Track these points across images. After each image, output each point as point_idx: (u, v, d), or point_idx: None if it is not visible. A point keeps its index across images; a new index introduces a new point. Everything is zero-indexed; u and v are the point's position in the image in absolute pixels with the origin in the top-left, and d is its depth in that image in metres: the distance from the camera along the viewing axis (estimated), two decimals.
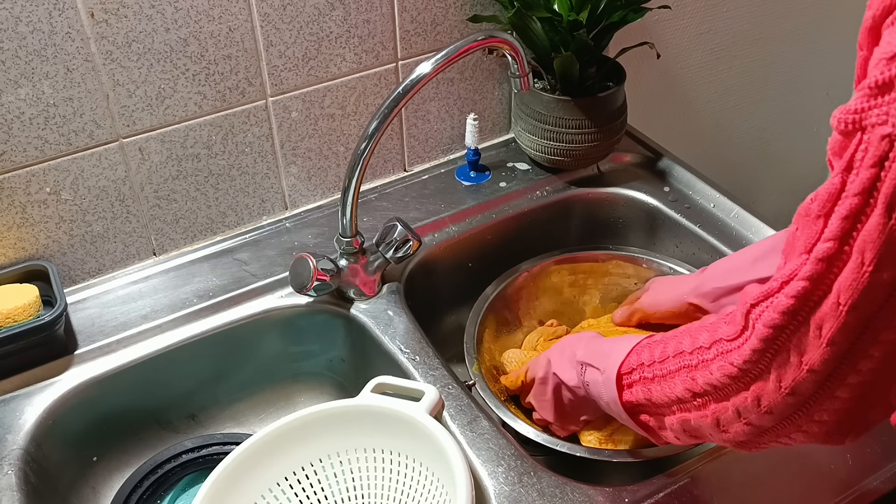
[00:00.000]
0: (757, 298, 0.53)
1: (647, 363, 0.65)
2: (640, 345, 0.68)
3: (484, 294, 0.97)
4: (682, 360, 0.61)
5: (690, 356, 0.60)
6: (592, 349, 0.74)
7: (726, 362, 0.56)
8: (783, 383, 0.53)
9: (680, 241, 1.05)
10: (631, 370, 0.67)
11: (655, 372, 0.64)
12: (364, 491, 0.79)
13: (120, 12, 0.84)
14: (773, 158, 1.61)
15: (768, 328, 0.52)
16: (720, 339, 0.58)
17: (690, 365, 0.60)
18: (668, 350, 0.63)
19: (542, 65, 1.05)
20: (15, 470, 0.77)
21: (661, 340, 0.66)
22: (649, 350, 0.66)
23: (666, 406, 0.64)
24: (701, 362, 0.59)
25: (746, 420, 0.57)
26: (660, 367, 0.64)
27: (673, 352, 0.63)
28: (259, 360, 0.96)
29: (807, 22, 1.44)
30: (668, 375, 0.63)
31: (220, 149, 0.97)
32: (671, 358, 0.63)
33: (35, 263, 0.90)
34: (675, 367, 0.62)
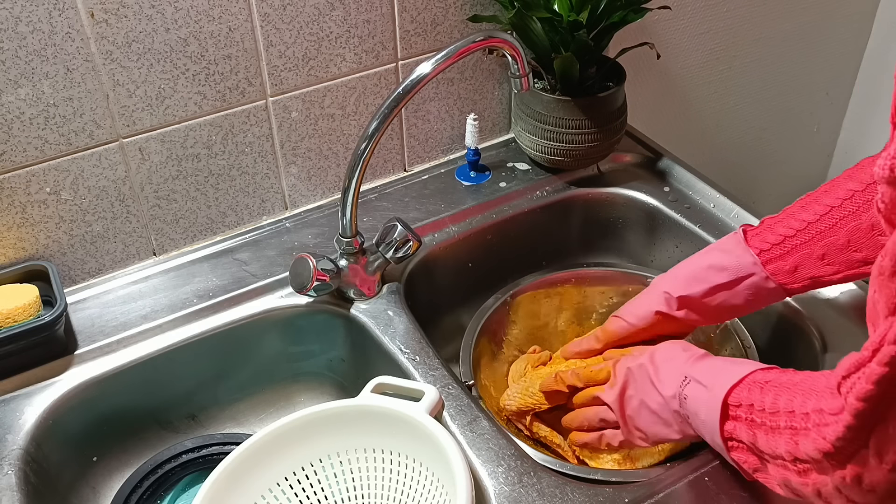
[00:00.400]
0: (848, 370, 0.50)
1: (758, 408, 0.62)
2: (755, 379, 0.65)
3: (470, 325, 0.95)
4: (789, 420, 0.58)
5: (798, 418, 0.58)
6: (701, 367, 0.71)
7: (820, 437, 0.54)
8: (885, 459, 0.50)
9: (680, 241, 1.05)
10: (739, 403, 0.64)
11: (765, 420, 0.61)
12: (364, 491, 0.79)
13: (120, 12, 0.84)
14: (772, 158, 1.61)
15: (861, 401, 0.49)
16: (822, 410, 0.55)
17: (796, 428, 0.57)
18: (779, 402, 0.60)
19: (542, 65, 1.05)
20: (15, 470, 0.77)
21: (775, 385, 0.62)
22: (761, 393, 0.63)
23: (770, 457, 0.62)
24: (803, 429, 0.56)
25: (848, 497, 0.54)
26: (769, 418, 0.61)
27: (784, 407, 0.60)
28: (259, 360, 0.96)
29: (807, 22, 1.44)
30: (776, 430, 0.60)
31: (220, 149, 0.97)
32: (781, 413, 0.60)
33: (35, 263, 0.90)
34: (784, 425, 0.59)
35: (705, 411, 0.67)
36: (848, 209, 0.74)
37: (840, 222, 0.74)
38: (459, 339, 0.93)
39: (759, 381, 0.64)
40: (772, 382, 0.63)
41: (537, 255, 1.08)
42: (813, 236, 0.76)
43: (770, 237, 0.78)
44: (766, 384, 0.63)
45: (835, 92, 1.60)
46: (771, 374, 0.64)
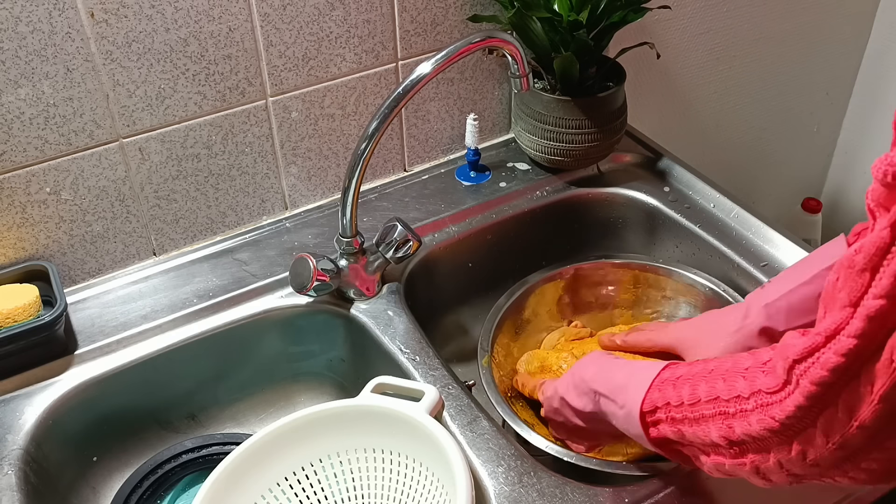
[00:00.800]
0: (801, 354, 0.51)
1: (675, 403, 0.63)
2: (662, 380, 0.65)
3: (509, 291, 0.97)
4: (717, 407, 0.59)
5: (727, 403, 0.58)
6: (605, 378, 0.72)
7: (767, 416, 0.55)
8: (831, 439, 0.52)
9: (680, 241, 1.05)
10: (654, 408, 0.65)
11: (686, 414, 0.62)
12: (364, 491, 0.79)
13: (120, 12, 0.84)
14: (772, 158, 1.61)
15: (815, 385, 0.50)
16: (759, 391, 0.56)
17: (727, 412, 0.58)
18: (698, 392, 0.61)
19: (542, 65, 1.05)
20: (15, 470, 0.77)
21: (687, 378, 0.63)
22: (675, 389, 0.63)
23: (699, 446, 0.62)
24: (739, 412, 0.57)
25: (789, 471, 0.56)
26: (691, 410, 0.61)
27: (706, 395, 0.60)
28: (259, 360, 0.96)
29: (807, 22, 1.44)
30: (702, 420, 0.61)
31: (220, 149, 0.97)
32: (703, 402, 0.60)
33: (35, 263, 0.90)
34: (710, 413, 0.60)
35: (630, 427, 0.68)
36: None
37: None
38: (460, 339, 0.93)
39: (668, 378, 0.65)
40: (683, 377, 0.64)
41: (537, 255, 1.08)
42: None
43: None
44: (677, 380, 0.64)
45: (835, 92, 1.60)
46: (680, 370, 0.65)
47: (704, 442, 0.61)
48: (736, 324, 0.77)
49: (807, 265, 0.76)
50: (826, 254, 0.76)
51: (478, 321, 1.05)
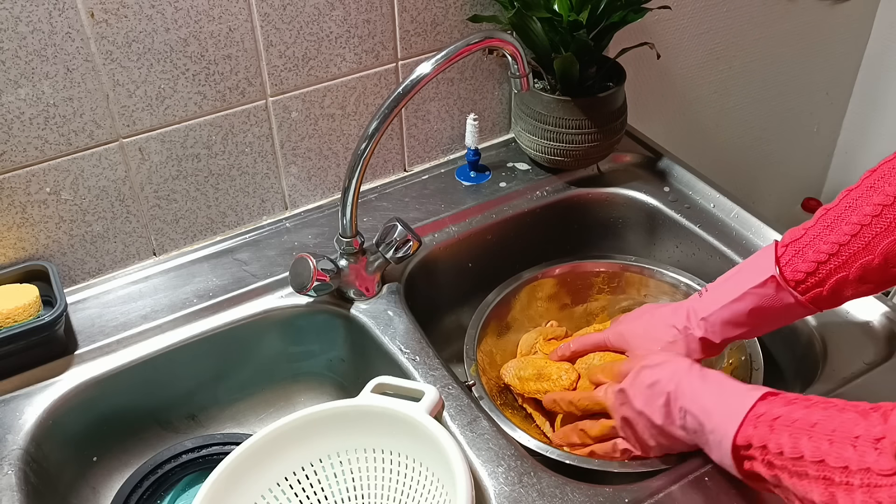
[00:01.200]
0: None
1: (774, 451, 0.61)
2: (758, 416, 0.63)
3: (486, 300, 0.97)
4: (822, 471, 0.57)
5: (833, 471, 0.56)
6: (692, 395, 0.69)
7: (873, 499, 0.53)
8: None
9: (680, 241, 1.05)
10: (749, 445, 0.63)
11: (787, 465, 0.60)
12: (364, 491, 0.79)
13: (120, 12, 0.84)
14: (772, 158, 1.61)
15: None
16: (869, 470, 0.54)
17: (832, 480, 0.56)
18: (801, 446, 0.59)
19: (542, 65, 1.05)
20: (15, 470, 0.77)
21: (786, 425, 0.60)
22: (773, 434, 0.61)
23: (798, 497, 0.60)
24: (844, 484, 0.55)
25: None
26: (792, 463, 0.59)
27: (810, 454, 0.58)
28: (259, 360, 0.96)
29: (807, 22, 1.44)
30: (804, 477, 0.58)
31: (220, 149, 0.97)
32: (808, 461, 0.58)
33: (35, 263, 0.90)
34: (814, 474, 0.58)
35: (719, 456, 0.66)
36: (879, 227, 0.71)
37: (873, 241, 0.71)
38: (459, 340, 0.93)
39: (765, 417, 0.62)
40: (782, 420, 0.61)
41: (537, 255, 1.08)
42: (846, 259, 0.72)
43: (802, 265, 0.74)
44: (774, 422, 0.61)
45: (835, 92, 1.60)
46: (776, 408, 0.62)
47: (804, 496, 0.59)
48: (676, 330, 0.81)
49: (739, 280, 0.78)
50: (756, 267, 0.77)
51: None
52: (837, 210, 0.74)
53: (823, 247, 0.73)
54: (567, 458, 0.79)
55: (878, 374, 0.83)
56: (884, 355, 0.85)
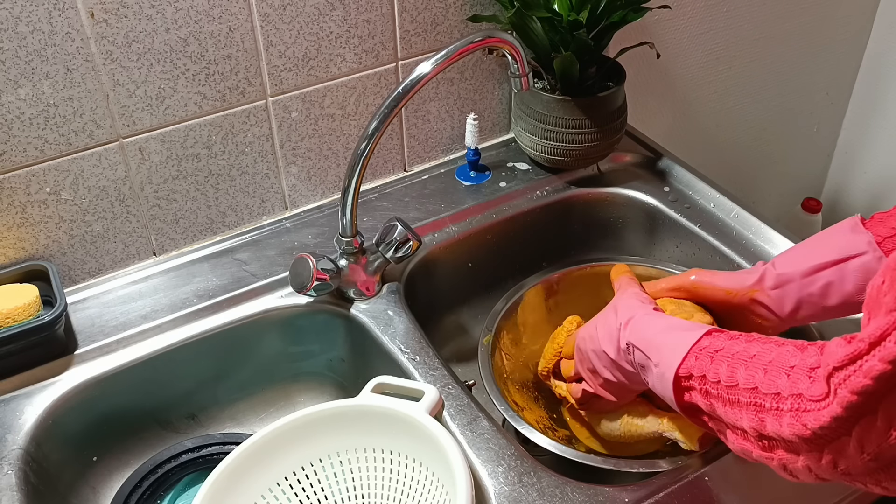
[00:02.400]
0: (841, 361, 0.49)
1: (712, 379, 0.61)
2: (701, 348, 0.63)
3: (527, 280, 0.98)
4: (753, 397, 0.57)
5: (764, 397, 0.56)
6: (642, 331, 0.70)
7: (799, 422, 0.53)
8: (866, 449, 0.50)
9: (680, 241, 1.05)
10: (689, 375, 0.63)
11: (721, 393, 0.60)
12: (364, 491, 0.79)
13: (120, 12, 0.84)
14: (772, 158, 1.61)
15: (855, 394, 0.48)
16: (801, 395, 0.53)
17: (762, 406, 0.56)
18: (737, 375, 0.59)
19: (542, 65, 1.05)
20: (15, 470, 0.77)
21: (726, 356, 0.61)
22: (712, 364, 0.61)
23: (730, 426, 0.61)
24: (773, 409, 0.55)
25: (819, 476, 0.54)
26: (727, 391, 0.60)
27: (744, 382, 0.58)
28: (259, 360, 0.96)
29: (807, 22, 1.44)
30: (736, 404, 0.59)
31: (220, 149, 0.97)
32: (741, 387, 0.58)
33: (35, 263, 0.90)
34: (745, 401, 0.58)
35: (661, 387, 0.66)
36: None
37: None
38: (459, 339, 0.93)
39: (707, 349, 0.63)
40: (722, 352, 0.62)
41: (537, 255, 1.08)
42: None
43: (882, 230, 0.71)
44: (716, 353, 0.62)
45: (835, 92, 1.60)
46: (719, 341, 0.63)
47: (735, 424, 0.60)
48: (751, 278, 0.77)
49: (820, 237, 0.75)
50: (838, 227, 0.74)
51: (478, 321, 1.05)
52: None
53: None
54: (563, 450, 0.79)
55: None
56: None
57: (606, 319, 0.76)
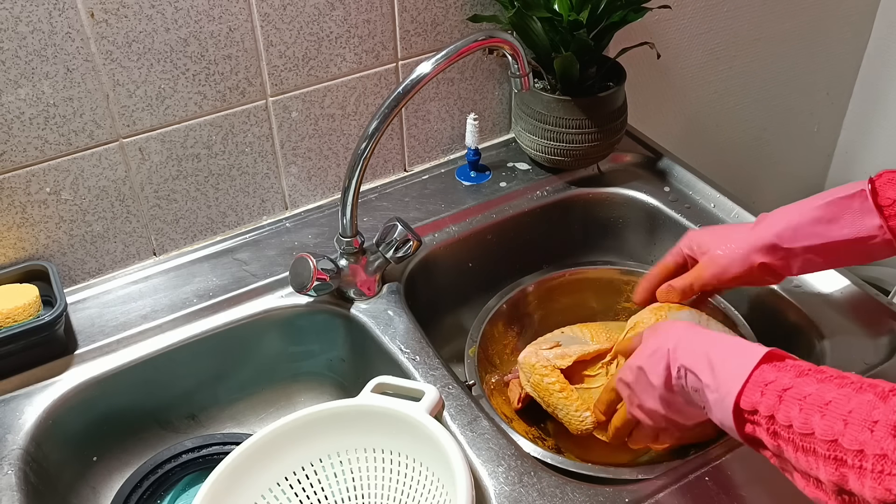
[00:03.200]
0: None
1: (783, 423, 0.58)
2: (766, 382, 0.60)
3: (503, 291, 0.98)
4: (834, 451, 0.54)
5: (846, 453, 0.53)
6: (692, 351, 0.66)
7: (882, 486, 0.51)
8: None
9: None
10: (754, 410, 0.60)
11: (794, 439, 0.57)
12: (364, 491, 0.79)
13: (120, 12, 0.84)
14: (773, 158, 1.61)
15: None
16: (885, 455, 0.51)
17: (843, 461, 0.54)
18: (812, 423, 0.56)
19: (542, 65, 1.05)
20: (15, 470, 0.77)
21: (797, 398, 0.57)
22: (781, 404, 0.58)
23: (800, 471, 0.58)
24: (857, 467, 0.53)
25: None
26: (801, 439, 0.57)
27: (822, 433, 0.55)
28: (259, 360, 0.96)
29: (807, 22, 1.44)
30: (811, 453, 0.56)
31: (220, 149, 0.97)
32: (818, 439, 0.55)
33: (35, 263, 0.90)
34: (824, 454, 0.55)
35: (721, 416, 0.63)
36: None
37: None
38: (459, 339, 0.93)
39: (773, 385, 0.59)
40: (792, 392, 0.58)
41: (537, 255, 1.08)
42: None
43: (892, 192, 0.73)
44: (784, 393, 0.58)
45: (835, 92, 1.60)
46: (786, 377, 0.59)
47: (808, 472, 0.57)
48: (745, 232, 0.80)
49: (826, 194, 0.77)
50: (847, 186, 0.76)
51: None
52: None
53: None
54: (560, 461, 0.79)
55: (878, 375, 0.83)
56: (884, 355, 0.85)
57: (647, 349, 0.71)
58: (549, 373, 0.84)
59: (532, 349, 0.87)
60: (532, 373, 0.85)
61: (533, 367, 0.85)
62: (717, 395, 0.62)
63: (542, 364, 0.84)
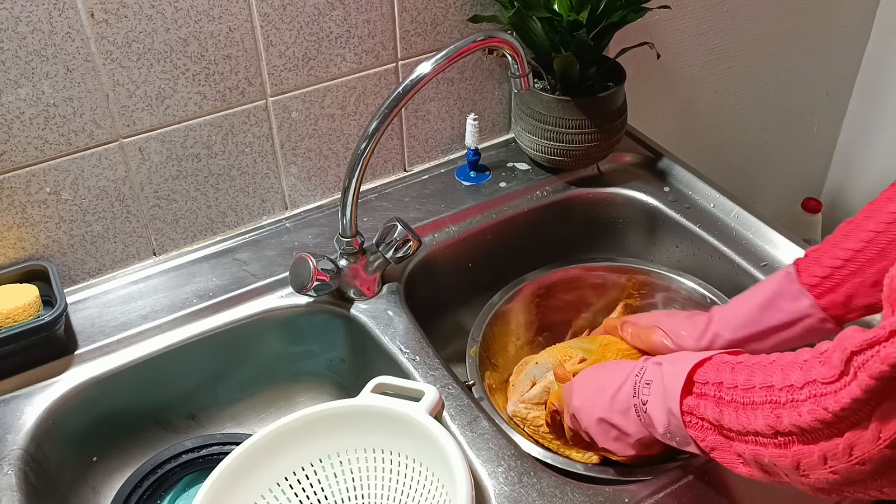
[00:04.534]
0: (860, 346, 0.50)
1: (729, 385, 0.62)
2: (723, 360, 0.65)
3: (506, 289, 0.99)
4: (769, 395, 0.58)
5: (779, 392, 0.57)
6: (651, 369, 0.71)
7: (819, 406, 0.53)
8: (882, 435, 0.50)
9: (680, 241, 1.05)
10: (706, 381, 0.64)
11: (735, 397, 0.61)
12: (364, 491, 0.79)
13: (120, 12, 0.84)
14: (772, 158, 1.61)
15: (874, 379, 0.49)
16: (814, 381, 0.54)
17: (777, 401, 0.57)
18: (754, 379, 0.60)
19: (542, 65, 1.05)
20: (15, 470, 0.77)
21: (746, 365, 0.62)
22: (732, 372, 0.62)
23: (738, 434, 0.61)
24: (790, 401, 0.56)
25: (833, 468, 0.54)
26: (742, 394, 0.60)
27: (760, 383, 0.59)
28: (259, 360, 0.96)
29: (807, 22, 1.44)
30: (750, 406, 0.59)
31: (220, 149, 0.97)
32: (757, 388, 0.59)
33: (35, 263, 0.90)
34: (760, 400, 0.58)
35: (669, 383, 0.66)
36: (894, 233, 0.73)
37: (887, 247, 0.73)
38: (459, 339, 0.93)
39: (728, 361, 0.64)
40: (743, 363, 0.63)
41: (537, 255, 1.08)
42: (861, 265, 0.73)
43: (818, 270, 0.76)
44: (737, 364, 0.63)
45: (835, 92, 1.60)
46: (740, 356, 0.64)
47: (746, 429, 0.60)
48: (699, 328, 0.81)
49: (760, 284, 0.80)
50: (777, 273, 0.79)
51: None
52: (856, 221, 0.76)
53: (839, 253, 0.75)
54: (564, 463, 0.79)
55: None
56: None
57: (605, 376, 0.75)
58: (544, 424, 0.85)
59: (514, 399, 0.88)
60: (526, 425, 0.86)
61: (526, 420, 0.86)
62: (674, 368, 0.67)
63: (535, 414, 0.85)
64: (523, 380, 0.89)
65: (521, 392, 0.87)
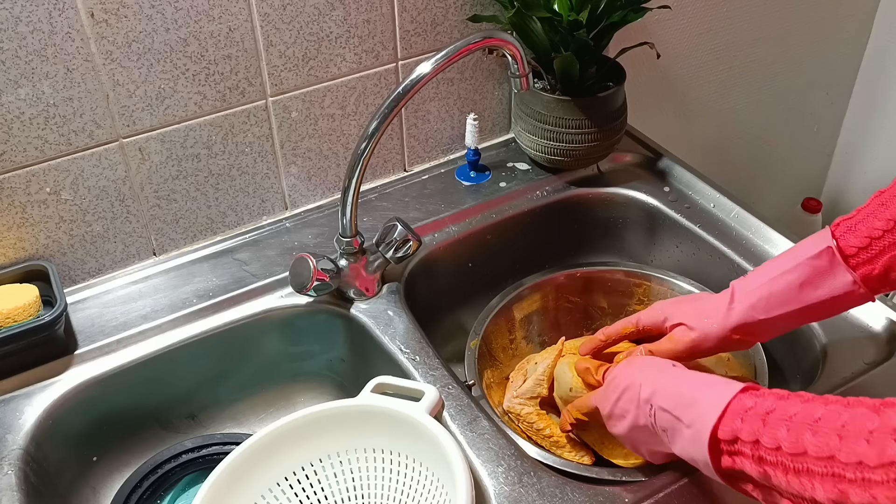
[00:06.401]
0: None
1: (769, 446, 0.56)
2: (745, 408, 0.59)
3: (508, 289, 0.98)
4: (831, 468, 0.53)
5: (845, 467, 0.52)
6: (665, 388, 0.66)
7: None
8: None
9: (680, 241, 1.05)
10: (734, 438, 0.58)
11: (783, 461, 0.55)
12: (364, 491, 0.79)
13: (120, 12, 0.84)
14: (772, 158, 1.61)
15: None
16: (892, 463, 0.50)
17: (843, 476, 0.52)
18: (804, 442, 0.54)
19: (542, 65, 1.05)
20: (15, 470, 0.77)
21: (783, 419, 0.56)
22: (766, 428, 0.57)
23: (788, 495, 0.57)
24: (860, 479, 0.51)
25: None
26: (791, 460, 0.55)
27: (815, 450, 0.53)
28: (259, 360, 0.96)
29: (807, 22, 1.44)
30: (805, 474, 0.54)
31: (220, 149, 0.97)
32: (812, 457, 0.54)
33: (35, 263, 0.90)
34: (819, 471, 0.53)
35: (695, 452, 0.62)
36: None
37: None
38: (459, 339, 0.93)
39: (755, 410, 0.58)
40: (776, 414, 0.57)
41: (537, 255, 1.08)
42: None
43: (854, 240, 0.72)
44: (767, 416, 0.57)
45: (835, 92, 1.60)
46: (768, 401, 0.58)
47: (801, 495, 0.55)
48: (721, 309, 0.77)
49: (792, 254, 0.75)
50: (811, 242, 0.75)
51: None
52: (892, 191, 0.72)
53: (877, 223, 0.71)
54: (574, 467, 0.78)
55: (878, 374, 0.83)
56: (884, 355, 0.85)
57: (616, 382, 0.72)
58: (536, 419, 0.84)
59: (509, 395, 0.88)
60: (519, 421, 0.86)
61: (519, 416, 0.86)
62: (691, 431, 0.62)
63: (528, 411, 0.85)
64: (519, 378, 0.89)
65: (515, 388, 0.87)
